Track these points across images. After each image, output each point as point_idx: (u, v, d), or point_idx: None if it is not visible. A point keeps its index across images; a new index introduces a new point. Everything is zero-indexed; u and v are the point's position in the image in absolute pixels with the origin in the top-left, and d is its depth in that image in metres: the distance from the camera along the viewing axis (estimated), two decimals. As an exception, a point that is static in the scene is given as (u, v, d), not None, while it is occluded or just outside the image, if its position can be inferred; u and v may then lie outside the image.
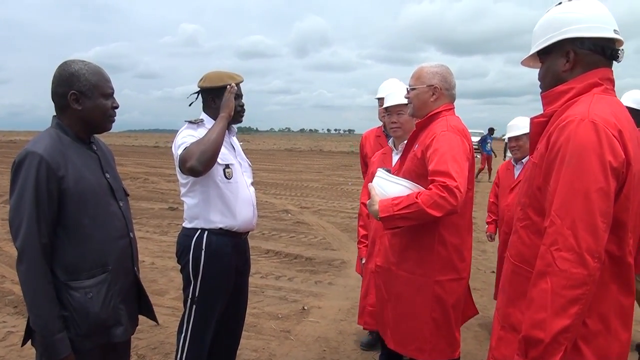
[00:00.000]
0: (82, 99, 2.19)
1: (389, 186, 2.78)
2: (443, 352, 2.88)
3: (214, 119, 2.99)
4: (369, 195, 2.81)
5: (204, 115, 3.08)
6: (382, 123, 4.38)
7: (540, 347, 1.63)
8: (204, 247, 2.95)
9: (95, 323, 2.14)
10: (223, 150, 2.94)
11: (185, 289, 3.02)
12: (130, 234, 2.37)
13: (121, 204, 2.35)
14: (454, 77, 2.99)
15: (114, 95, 2.33)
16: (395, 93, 3.51)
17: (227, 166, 2.99)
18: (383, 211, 2.66)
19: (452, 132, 2.79)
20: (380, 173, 2.88)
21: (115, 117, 2.34)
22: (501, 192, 4.73)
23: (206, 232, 2.96)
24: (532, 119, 1.98)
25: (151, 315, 2.58)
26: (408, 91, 3.01)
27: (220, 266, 2.97)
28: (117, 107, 2.31)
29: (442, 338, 2.87)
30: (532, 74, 2.06)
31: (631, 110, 5.21)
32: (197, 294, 2.97)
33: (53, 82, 2.21)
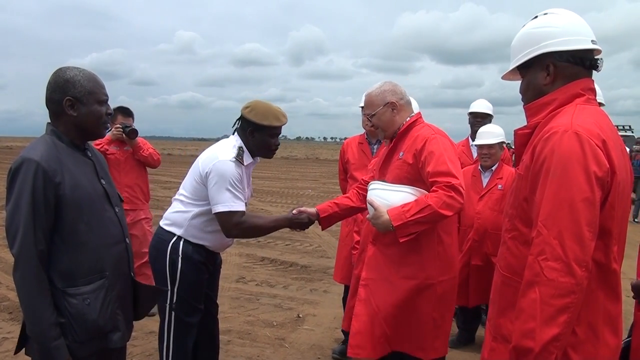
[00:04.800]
0: (77, 105, 2.19)
1: (390, 195, 2.79)
2: (437, 350, 2.97)
3: (247, 148, 3.04)
4: (369, 208, 2.83)
5: (238, 140, 3.05)
6: (364, 130, 4.44)
7: (530, 357, 1.64)
8: (180, 254, 2.98)
9: (93, 329, 2.14)
10: (243, 187, 3.02)
11: (162, 295, 3.00)
12: (126, 239, 2.38)
13: (117, 210, 2.36)
14: (401, 86, 3.06)
15: (108, 102, 2.34)
16: None
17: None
18: (396, 220, 2.67)
19: (441, 135, 2.91)
20: (377, 184, 2.90)
21: (109, 124, 2.35)
22: (467, 199, 4.72)
23: (182, 240, 3.00)
24: (516, 131, 2.00)
25: (155, 292, 2.60)
26: (369, 120, 3.07)
27: (196, 272, 3.01)
28: (111, 114, 2.32)
29: (439, 336, 2.96)
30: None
31: (485, 115, 5.29)
32: (174, 300, 2.99)
33: (48, 89, 2.21)
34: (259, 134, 3.01)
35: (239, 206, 2.91)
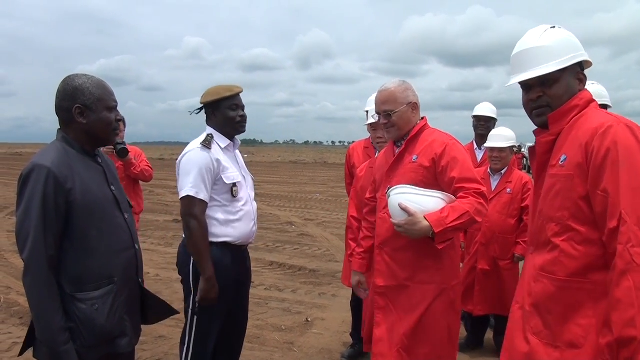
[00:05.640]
0: (87, 112, 2.21)
1: (425, 200, 2.71)
2: (449, 356, 2.95)
3: (218, 131, 3.11)
4: (395, 213, 2.74)
5: (209, 130, 3.14)
6: (370, 135, 4.42)
7: (633, 345, 1.65)
8: None
9: (101, 334, 2.16)
10: (229, 167, 3.05)
11: (186, 299, 3.07)
12: (136, 245, 2.40)
13: (126, 216, 2.38)
14: None
15: (118, 108, 2.36)
16: None
17: (234, 185, 3.06)
18: (437, 226, 2.61)
19: (458, 142, 2.94)
20: (406, 189, 2.78)
21: (119, 130, 2.37)
22: None
23: None
24: (539, 139, 2.06)
25: (166, 310, 2.57)
26: (390, 115, 2.90)
27: (220, 277, 2.99)
28: (120, 120, 2.34)
29: (452, 342, 2.94)
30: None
31: (489, 119, 5.26)
32: (198, 304, 3.01)
33: (57, 97, 2.24)
34: (219, 112, 3.10)
35: (201, 195, 2.95)
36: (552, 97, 2.00)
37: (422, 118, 3.02)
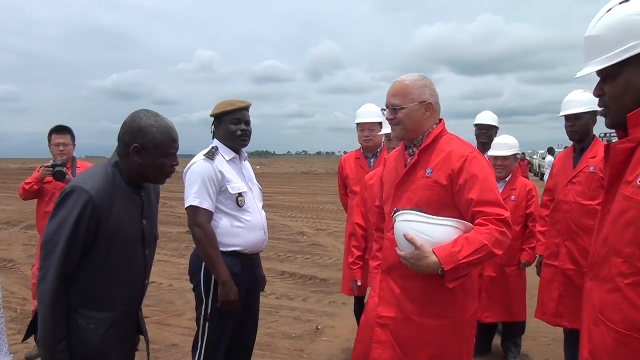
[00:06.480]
0: (144, 153, 2.24)
1: (434, 230, 2.33)
2: None
3: (223, 144, 3.22)
4: (400, 243, 2.40)
5: (216, 142, 3.26)
6: (360, 146, 4.54)
7: None
8: None
9: (87, 353, 2.20)
10: (234, 179, 3.16)
11: (198, 307, 3.17)
12: (146, 281, 2.46)
13: (147, 252, 2.42)
14: None
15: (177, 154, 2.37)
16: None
17: (239, 195, 3.16)
18: (448, 263, 2.23)
19: (480, 154, 2.54)
20: (413, 216, 2.38)
21: (172, 173, 2.38)
22: None
23: None
24: (614, 146, 1.61)
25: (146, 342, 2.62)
26: (396, 111, 2.53)
27: None
28: (177, 165, 2.36)
29: None
30: (547, 93, 1.62)
31: (490, 127, 5.17)
32: (209, 312, 3.11)
33: (122, 127, 2.29)
34: (222, 126, 3.23)
35: (205, 205, 3.06)
36: (609, 96, 1.62)
37: (440, 121, 2.61)
